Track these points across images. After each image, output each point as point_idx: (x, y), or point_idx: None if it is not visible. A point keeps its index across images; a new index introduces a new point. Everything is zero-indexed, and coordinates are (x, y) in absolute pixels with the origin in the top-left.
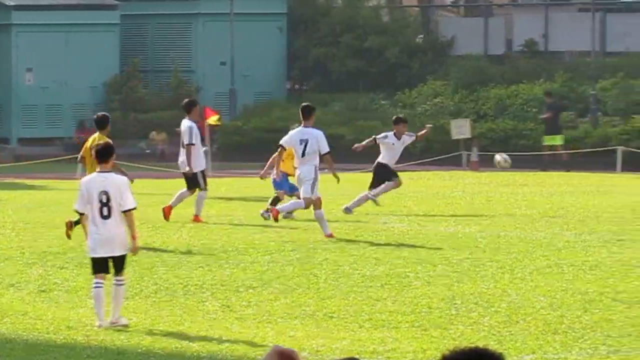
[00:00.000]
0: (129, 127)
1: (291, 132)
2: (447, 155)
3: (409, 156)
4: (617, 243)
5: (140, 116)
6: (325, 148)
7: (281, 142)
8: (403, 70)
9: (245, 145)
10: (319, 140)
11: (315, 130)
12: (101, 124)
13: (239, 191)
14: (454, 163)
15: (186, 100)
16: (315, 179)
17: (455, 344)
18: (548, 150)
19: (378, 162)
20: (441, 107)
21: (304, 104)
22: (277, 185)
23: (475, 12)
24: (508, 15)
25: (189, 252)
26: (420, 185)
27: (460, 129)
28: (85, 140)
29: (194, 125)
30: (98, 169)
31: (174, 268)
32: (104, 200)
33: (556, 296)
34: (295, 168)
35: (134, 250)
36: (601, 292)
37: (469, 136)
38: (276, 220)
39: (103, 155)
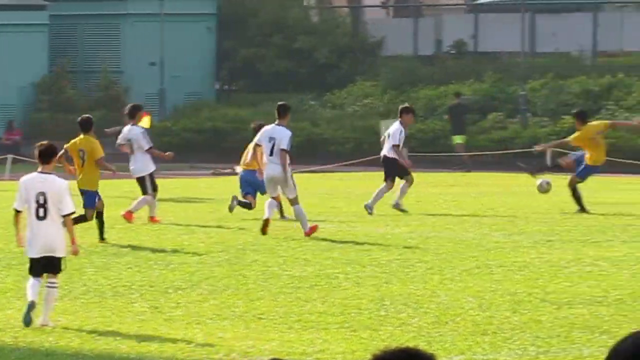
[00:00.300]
0: (58, 127)
1: (265, 128)
2: (376, 156)
3: (338, 157)
4: (546, 244)
5: (69, 117)
6: (284, 145)
7: (256, 141)
8: (333, 71)
9: (175, 145)
10: (283, 138)
11: (285, 130)
12: (85, 127)
13: (169, 192)
14: None
15: (130, 105)
16: (291, 177)
17: (385, 345)
18: (463, 151)
19: (386, 157)
20: (371, 108)
21: (279, 102)
22: (260, 186)
23: (405, 13)
24: (437, 15)
25: (117, 253)
26: (350, 186)
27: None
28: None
29: (143, 129)
30: (39, 169)
31: (103, 269)
32: (41, 202)
33: (485, 297)
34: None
35: (75, 252)
36: (530, 293)
37: None
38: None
39: (45, 156)
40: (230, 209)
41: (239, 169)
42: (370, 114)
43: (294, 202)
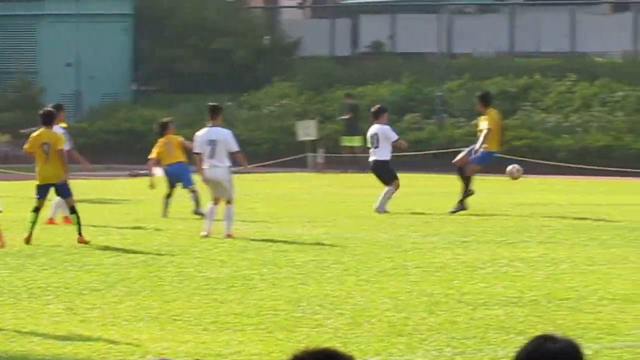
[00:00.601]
0: None
1: (197, 134)
2: (293, 157)
3: (254, 157)
4: (462, 245)
5: None
6: (235, 147)
7: (195, 150)
8: (249, 72)
9: (91, 146)
10: (227, 140)
11: (223, 130)
12: (47, 120)
13: (84, 193)
14: (300, 165)
15: (52, 105)
16: (231, 180)
17: (301, 346)
18: (348, 151)
19: (380, 161)
20: (287, 109)
21: (210, 103)
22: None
23: (322, 13)
24: (355, 16)
25: (32, 255)
26: (266, 187)
27: (306, 130)
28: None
29: (64, 129)
30: None
31: (18, 270)
32: None
33: (401, 298)
34: (204, 169)
35: (2, 245)
36: (446, 294)
37: (315, 138)
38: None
39: None
40: (201, 213)
41: (158, 171)
42: (286, 115)
43: (231, 201)
